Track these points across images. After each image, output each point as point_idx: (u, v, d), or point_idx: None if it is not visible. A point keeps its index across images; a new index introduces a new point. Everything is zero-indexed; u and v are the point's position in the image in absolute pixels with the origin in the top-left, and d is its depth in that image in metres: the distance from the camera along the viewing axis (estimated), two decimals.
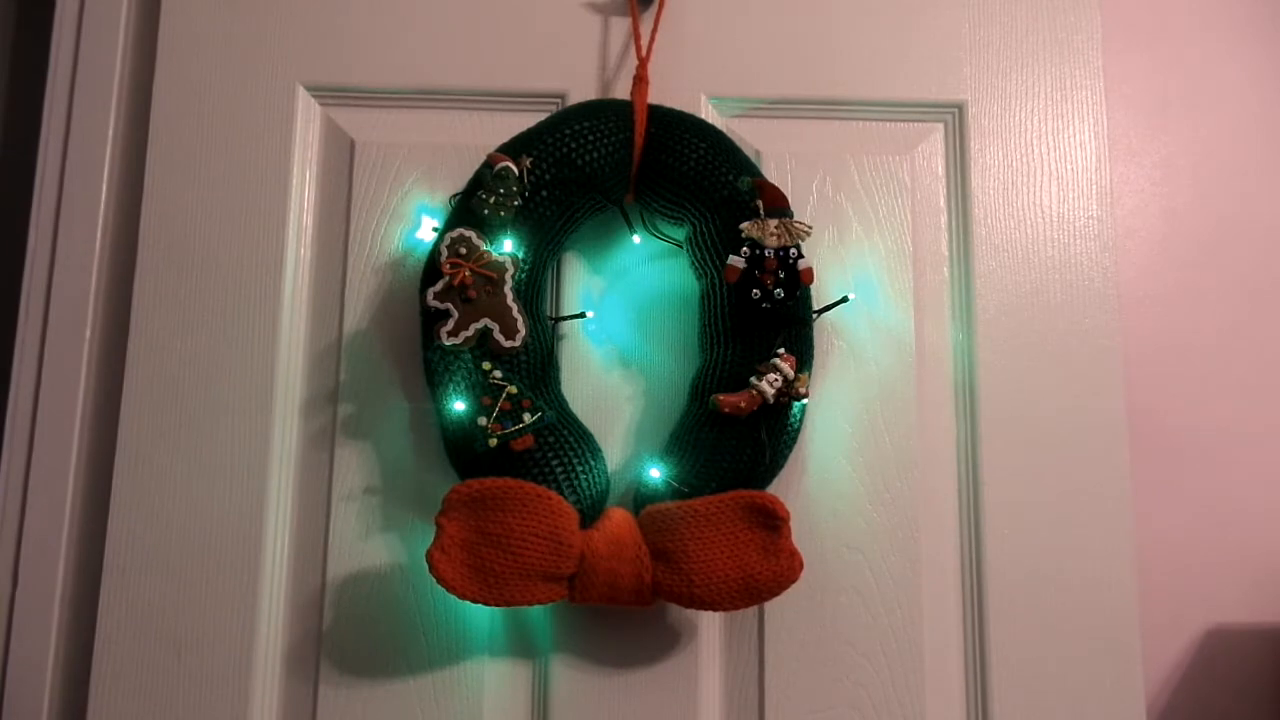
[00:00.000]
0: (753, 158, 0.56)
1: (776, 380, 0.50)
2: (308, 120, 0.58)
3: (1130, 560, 0.55)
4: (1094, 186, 0.59)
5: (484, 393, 0.49)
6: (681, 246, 0.56)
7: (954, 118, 0.60)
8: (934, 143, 0.59)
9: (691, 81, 0.58)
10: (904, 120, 0.59)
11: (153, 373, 0.55)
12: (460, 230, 0.51)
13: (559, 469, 0.50)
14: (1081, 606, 0.54)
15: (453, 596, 0.47)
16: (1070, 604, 0.54)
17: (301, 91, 0.58)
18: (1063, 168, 0.59)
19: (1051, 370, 0.57)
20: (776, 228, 0.52)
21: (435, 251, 0.51)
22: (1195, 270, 0.68)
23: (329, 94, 0.58)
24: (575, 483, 0.50)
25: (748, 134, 0.58)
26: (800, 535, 0.51)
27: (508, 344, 0.50)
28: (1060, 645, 0.54)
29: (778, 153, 0.58)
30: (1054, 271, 0.58)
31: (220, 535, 0.54)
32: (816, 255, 0.55)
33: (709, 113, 0.58)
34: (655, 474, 0.51)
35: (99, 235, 0.57)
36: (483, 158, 0.53)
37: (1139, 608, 0.54)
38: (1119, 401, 0.56)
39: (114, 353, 0.56)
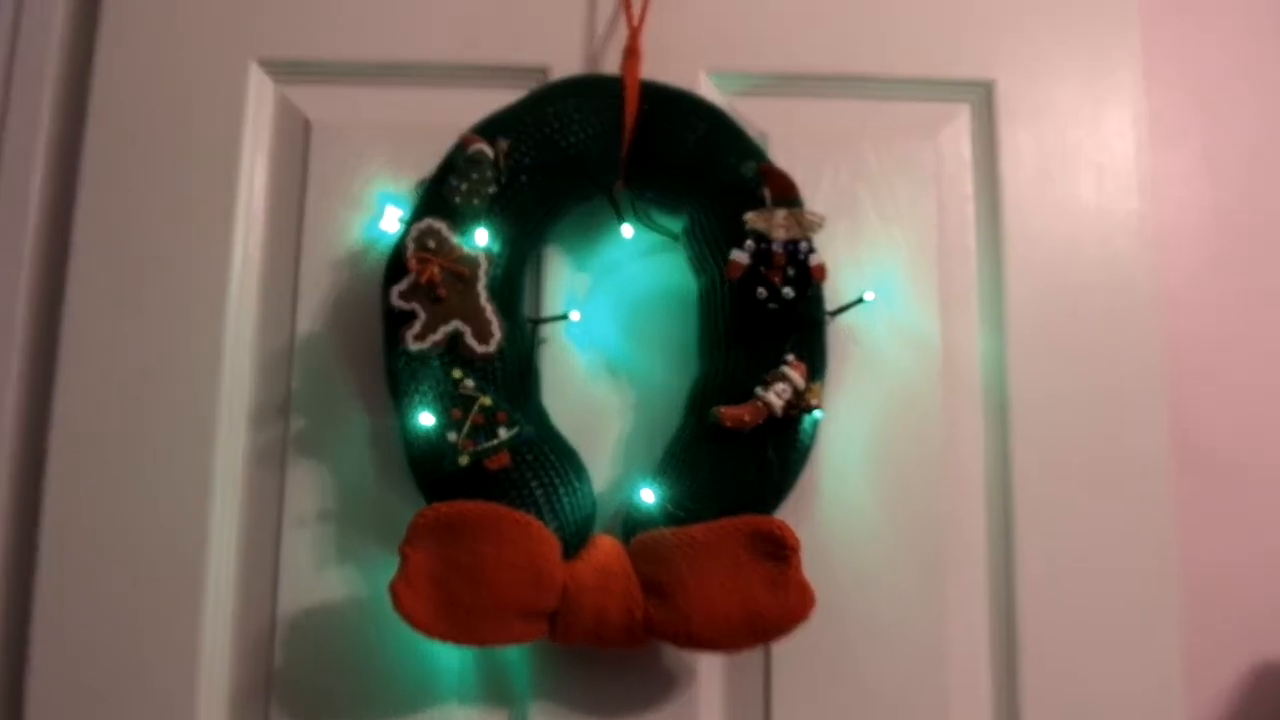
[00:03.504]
0: (758, 140, 0.55)
1: (785, 391, 0.49)
2: (259, 98, 0.57)
3: (1174, 591, 0.54)
4: (1134, 176, 0.58)
5: (454, 404, 0.48)
6: (678, 239, 0.55)
7: (981, 98, 0.59)
8: (960, 125, 0.59)
9: (689, 55, 0.57)
10: (927, 100, 0.59)
11: (85, 381, 0.54)
12: (428, 221, 0.50)
13: (539, 491, 0.49)
14: (1123, 648, 0.54)
15: (419, 635, 0.46)
16: (1111, 646, 0.54)
17: (253, 66, 0.57)
18: (1101, 155, 0.58)
19: (1091, 379, 0.56)
20: (785, 219, 0.51)
21: (400, 245, 0.50)
22: (1248, 271, 0.66)
23: (283, 69, 0.58)
24: (557, 507, 0.49)
25: (753, 114, 0.58)
26: (811, 567, 0.49)
27: (481, 349, 0.49)
28: (1100, 694, 0.53)
29: (786, 135, 0.57)
30: (1093, 269, 0.57)
31: (157, 566, 0.53)
32: (830, 250, 0.54)
33: (709, 90, 0.57)
34: (648, 497, 0.50)
35: (29, 228, 0.56)
36: (454, 139, 0.52)
37: (1184, 642, 0.53)
38: (1162, 415, 0.56)
39: (42, 358, 0.55)
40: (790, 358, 0.50)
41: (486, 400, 0.48)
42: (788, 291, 0.50)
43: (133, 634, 0.52)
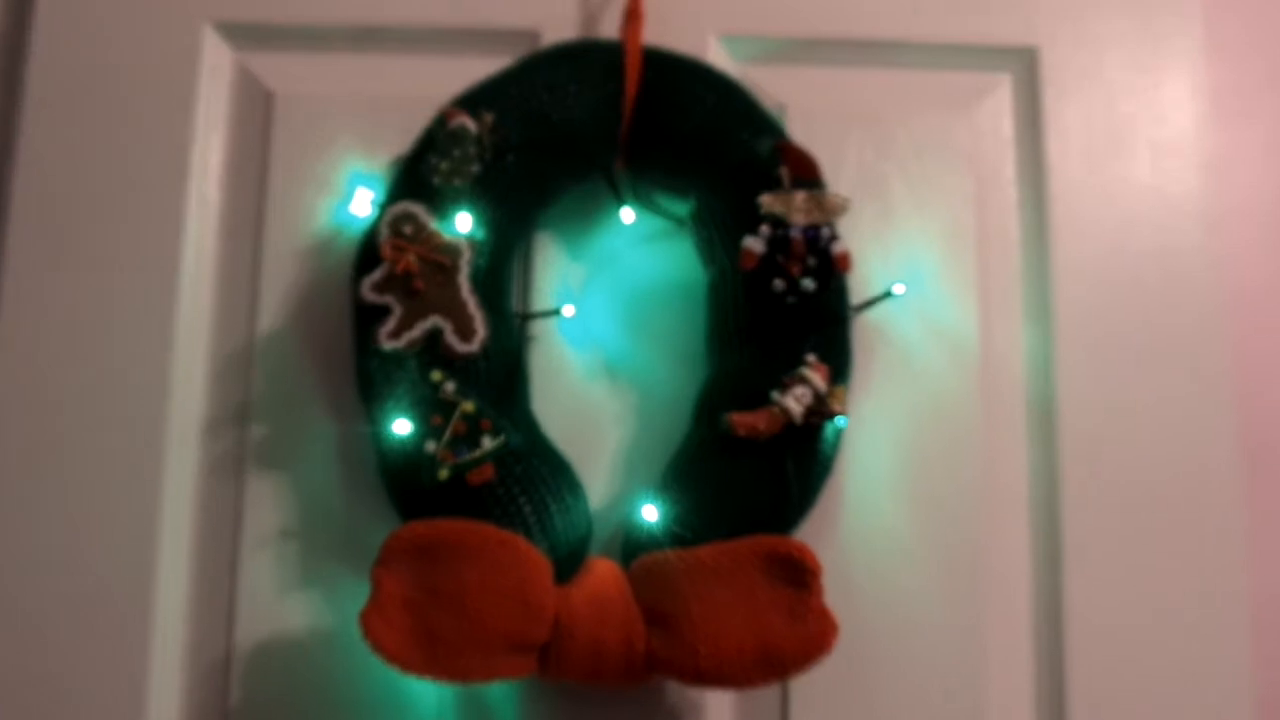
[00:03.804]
0: (775, 114, 0.55)
1: (805, 395, 0.49)
2: (216, 68, 0.57)
3: (1246, 629, 0.54)
4: (1195, 155, 0.58)
5: (433, 411, 0.48)
6: (684, 225, 0.56)
7: (1023, 67, 0.59)
8: (1000, 98, 0.59)
9: (698, 17, 0.57)
10: (963, 69, 0.59)
11: (16, 386, 0.54)
12: (405, 205, 0.50)
13: (528, 508, 0.49)
14: (1188, 695, 0.53)
15: (392, 669, 0.45)
16: (1173, 693, 0.53)
17: (208, 30, 0.57)
18: (1158, 131, 0.58)
19: (1150, 384, 0.56)
20: (805, 202, 0.51)
21: (373, 231, 0.50)
22: None
23: (241, 33, 0.58)
24: (548, 526, 0.49)
25: (769, 84, 0.58)
26: (834, 594, 0.48)
27: (463, 348, 0.49)
28: None
29: (806, 108, 0.58)
30: (1150, 259, 0.57)
31: (99, 592, 0.53)
32: (855, 237, 0.54)
33: (720, 57, 0.58)
34: (650, 515, 0.50)
35: None
36: (433, 112, 0.52)
37: (1257, 679, 0.53)
38: (1231, 424, 0.55)
39: None
40: (811, 358, 0.50)
41: (469, 406, 0.48)
42: (807, 283, 0.50)
43: (73, 668, 0.52)
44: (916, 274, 0.56)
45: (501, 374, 0.51)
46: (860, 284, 0.53)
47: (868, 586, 0.53)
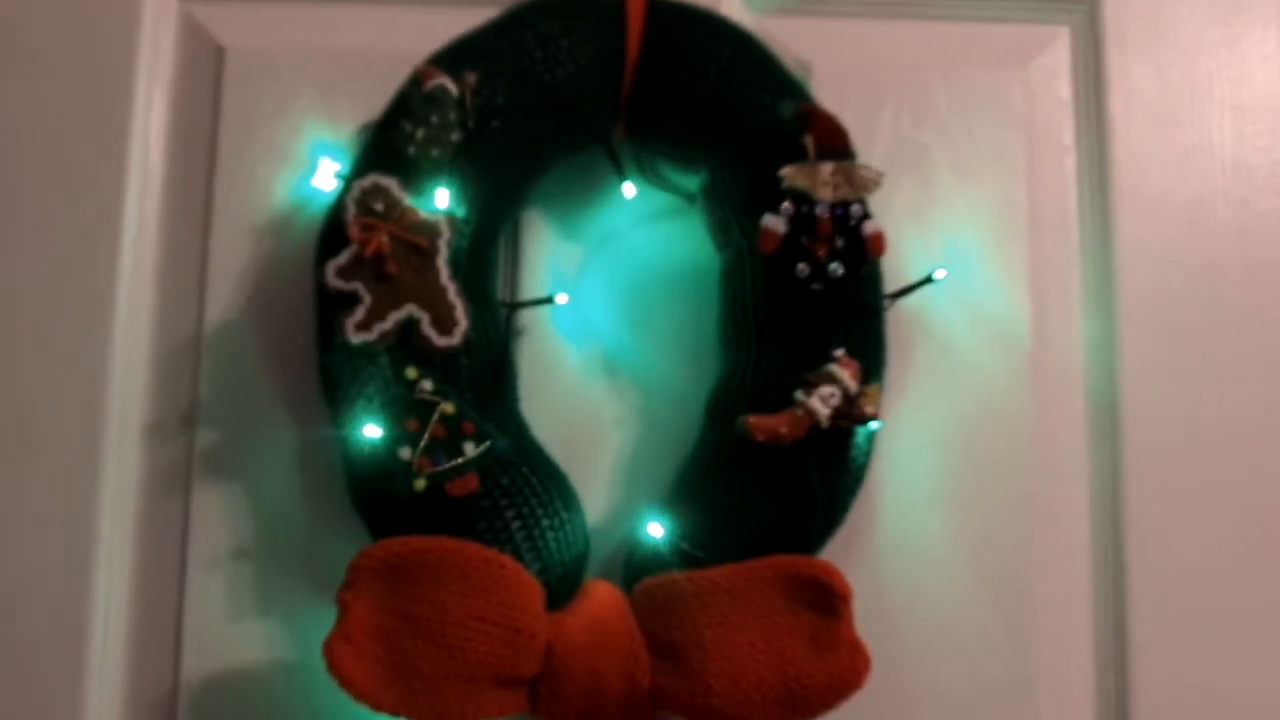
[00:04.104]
0: (798, 73, 0.55)
1: (833, 396, 0.49)
2: (159, 19, 0.57)
3: None
4: None
5: (408, 412, 0.48)
6: (694, 201, 0.55)
7: (1083, 18, 0.59)
8: (1057, 54, 0.59)
9: None
10: (1014, 21, 0.59)
11: None
12: (375, 178, 0.50)
13: (516, 523, 0.49)
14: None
15: (362, 707, 0.45)
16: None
17: None
18: (1238, 92, 0.58)
19: (1227, 381, 0.56)
20: (832, 175, 0.51)
21: (338, 208, 0.50)
22: None
23: None
24: (540, 544, 0.49)
25: (791, 39, 0.58)
26: (866, 621, 0.48)
27: (442, 341, 0.49)
28: None
29: (834, 66, 0.58)
30: (1229, 240, 0.57)
31: (27, 621, 0.53)
32: (890, 215, 0.53)
33: (736, 8, 0.57)
34: (656, 531, 0.50)
35: None
36: (408, 72, 0.51)
37: None
38: None
39: None
40: (839, 353, 0.49)
41: (449, 407, 0.48)
42: (835, 268, 0.50)
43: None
44: (960, 257, 0.56)
45: (486, 371, 0.51)
46: (896, 269, 0.53)
47: (905, 613, 0.54)
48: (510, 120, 0.51)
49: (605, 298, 0.56)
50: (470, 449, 0.48)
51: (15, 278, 0.55)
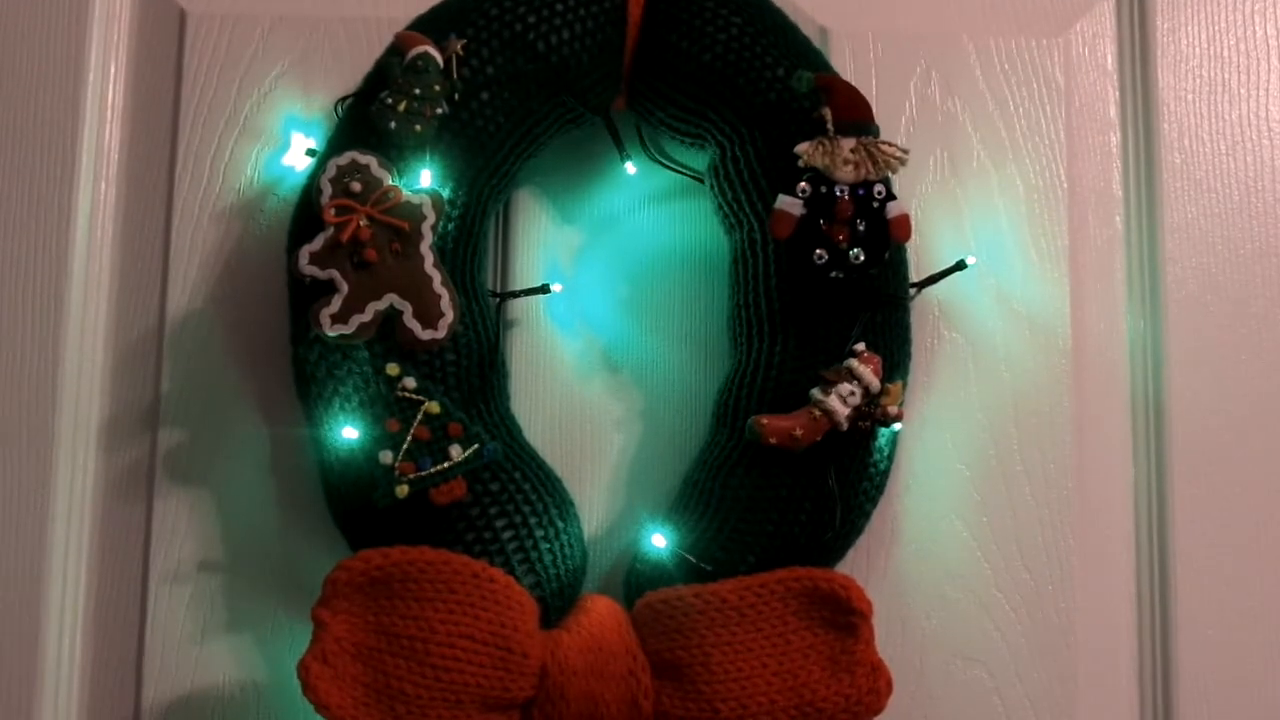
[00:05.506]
0: (815, 39, 0.55)
1: (853, 394, 0.49)
2: None
3: None
4: None
5: (389, 412, 0.48)
6: (701, 180, 0.55)
7: None
8: (1100, 19, 0.59)
9: None
10: None
11: None
12: (353, 155, 0.50)
13: (507, 534, 0.49)
14: None
15: None
16: None
17: None
18: None
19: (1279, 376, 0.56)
20: (853, 152, 0.50)
21: (313, 188, 0.50)
22: None
23: None
24: (533, 555, 0.49)
25: (807, 2, 0.58)
26: (887, 640, 0.50)
27: (426, 335, 0.49)
28: None
29: (855, 31, 0.58)
30: None
31: None
32: (916, 196, 0.54)
33: None
34: (659, 542, 0.50)
35: None
36: (388, 38, 0.51)
37: None
38: None
39: None
40: (860, 348, 0.49)
41: (434, 407, 0.48)
42: (857, 254, 0.50)
43: None
44: (993, 242, 0.56)
45: (474, 367, 0.51)
46: (923, 255, 0.54)
47: (930, 631, 0.54)
48: (501, 91, 0.51)
49: (604, 286, 0.56)
50: (457, 452, 0.48)
51: None
